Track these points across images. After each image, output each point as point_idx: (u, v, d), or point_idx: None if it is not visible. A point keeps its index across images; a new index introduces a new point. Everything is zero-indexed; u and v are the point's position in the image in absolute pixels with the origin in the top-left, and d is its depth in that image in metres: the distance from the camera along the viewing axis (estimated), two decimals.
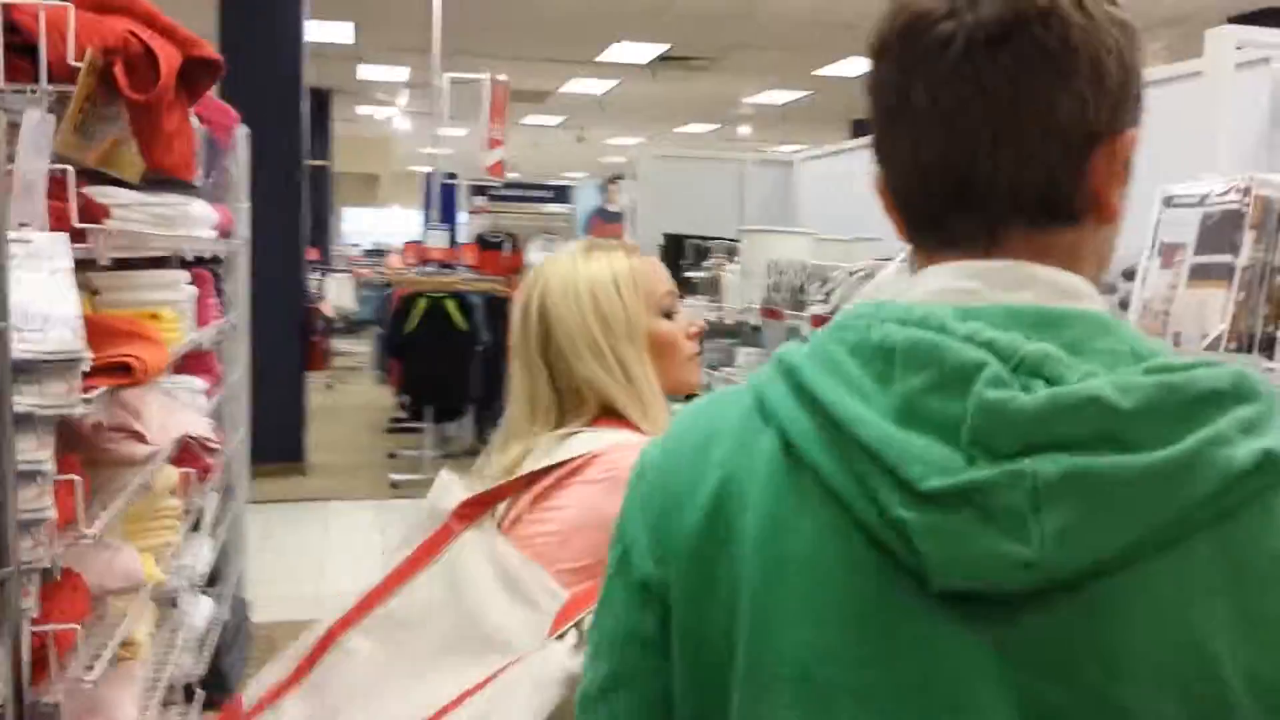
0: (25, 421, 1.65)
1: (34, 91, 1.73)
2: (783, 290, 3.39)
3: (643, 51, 11.28)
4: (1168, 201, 1.86)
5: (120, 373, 1.90)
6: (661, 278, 1.66)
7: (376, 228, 20.95)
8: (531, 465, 1.56)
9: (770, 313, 3.36)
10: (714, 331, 4.02)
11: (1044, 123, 0.71)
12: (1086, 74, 0.71)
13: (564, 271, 1.63)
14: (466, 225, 12.65)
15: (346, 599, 1.53)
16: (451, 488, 1.56)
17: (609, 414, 1.59)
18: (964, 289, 0.72)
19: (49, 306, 1.67)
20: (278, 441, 7.33)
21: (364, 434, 8.96)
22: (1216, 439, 0.63)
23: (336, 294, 12.42)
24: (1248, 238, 1.69)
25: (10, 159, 1.68)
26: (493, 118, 8.23)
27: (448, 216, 12.60)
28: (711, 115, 14.92)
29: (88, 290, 3.08)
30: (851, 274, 3.13)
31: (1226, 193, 1.73)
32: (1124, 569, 0.64)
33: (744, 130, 15.57)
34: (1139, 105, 0.75)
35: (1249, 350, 1.69)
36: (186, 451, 2.80)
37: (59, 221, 1.75)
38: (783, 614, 0.71)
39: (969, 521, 0.64)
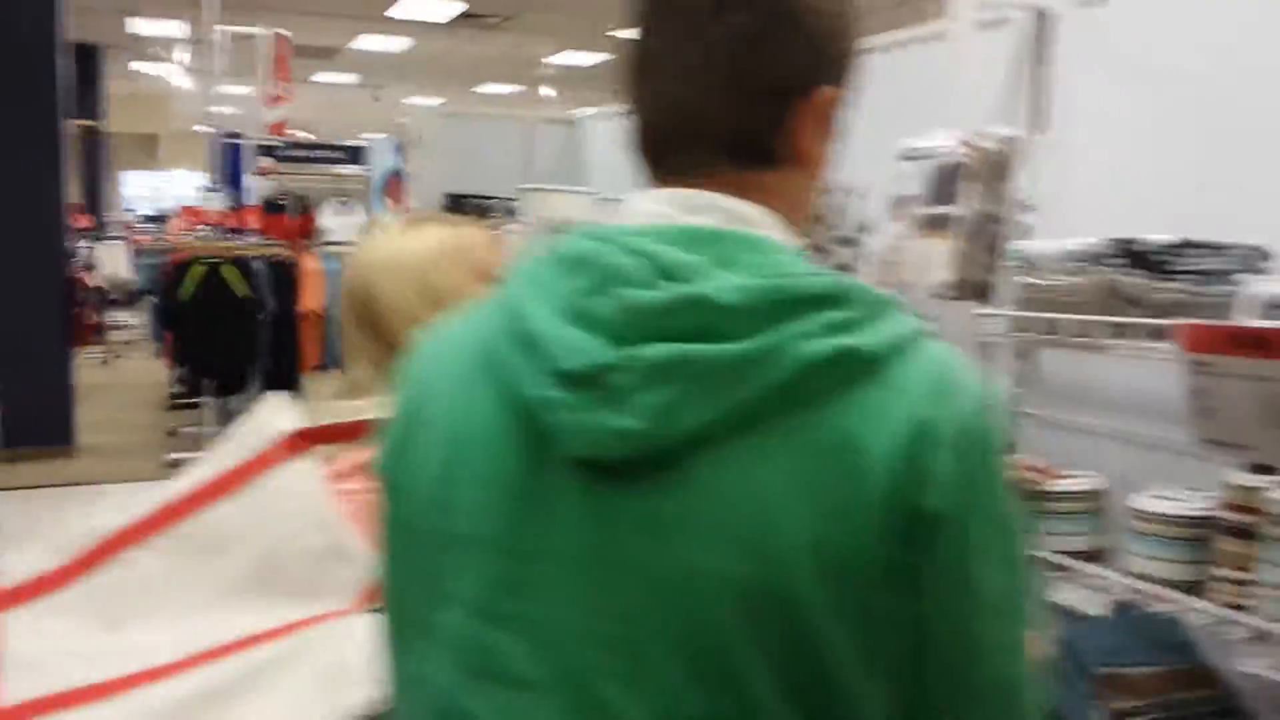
0: None
1: None
2: None
3: (439, 9, 11.01)
4: (903, 156, 1.91)
5: None
6: (493, 248, 1.64)
7: (160, 192, 19.85)
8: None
9: None
10: None
11: (751, 76, 0.81)
12: (790, 33, 0.81)
13: (389, 246, 1.60)
14: (255, 188, 12.11)
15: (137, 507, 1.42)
16: (282, 412, 1.49)
17: None
18: (659, 212, 0.82)
19: None
20: (41, 422, 6.87)
21: (142, 412, 8.48)
22: (799, 334, 0.72)
23: (111, 263, 11.69)
24: (968, 189, 1.75)
25: None
26: (274, 74, 7.85)
27: (234, 179, 12.02)
28: (513, 76, 14.72)
29: None
30: None
31: (951, 147, 1.78)
32: (711, 445, 0.72)
33: (547, 92, 15.44)
34: (844, 65, 0.85)
35: (969, 297, 1.75)
36: None
37: None
38: (462, 482, 0.81)
39: (591, 399, 0.73)
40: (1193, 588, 1.43)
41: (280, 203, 10.20)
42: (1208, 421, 1.35)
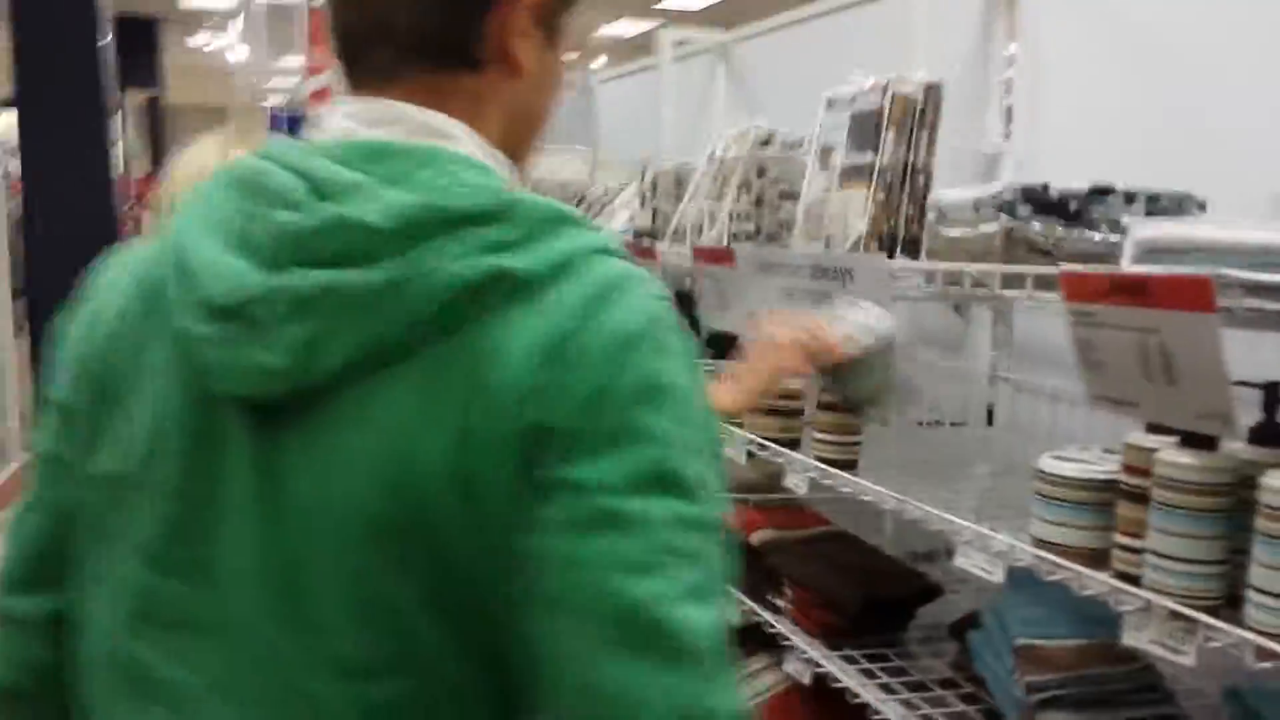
0: None
1: None
2: None
3: None
4: (828, 104, 1.82)
5: None
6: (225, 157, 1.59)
7: None
8: None
9: None
10: None
11: None
12: None
13: (187, 164, 1.56)
14: None
15: None
16: None
17: None
18: (342, 127, 0.77)
19: None
20: None
21: None
22: (447, 255, 0.68)
23: None
24: (888, 137, 1.66)
25: None
26: (312, 43, 7.87)
27: None
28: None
29: None
30: (606, 192, 3.07)
31: (869, 92, 1.70)
32: (359, 378, 0.69)
33: (600, 64, 15.32)
34: None
35: (891, 252, 1.66)
36: None
37: None
38: (133, 422, 0.77)
39: (239, 332, 0.70)
40: (1096, 556, 1.34)
41: None
42: (1096, 376, 1.26)
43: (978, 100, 2.17)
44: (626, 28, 13.38)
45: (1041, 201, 1.43)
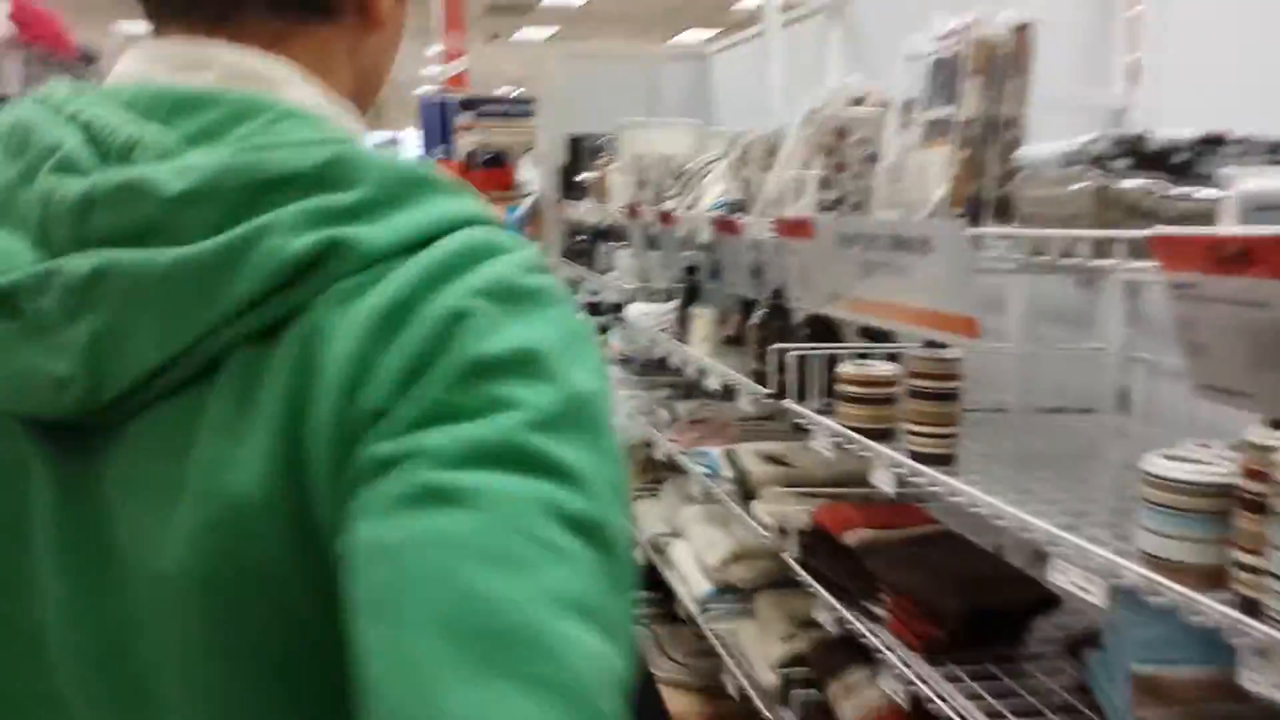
0: None
1: None
2: (648, 187, 3.16)
3: None
4: (910, 56, 1.61)
5: None
6: None
7: (405, 153, 20.67)
8: None
9: (633, 211, 3.13)
10: (600, 234, 3.81)
11: None
12: None
13: None
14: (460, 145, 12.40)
15: None
16: None
17: None
18: (140, 72, 0.63)
19: None
20: None
21: None
22: (269, 228, 0.54)
23: None
24: (969, 87, 1.45)
25: None
26: (448, 28, 7.93)
27: (444, 136, 12.35)
28: (707, 20, 14.41)
29: None
30: (704, 164, 2.90)
31: (949, 36, 1.48)
32: (172, 391, 0.55)
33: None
34: None
35: (976, 217, 1.45)
36: None
37: None
38: None
39: (17, 332, 0.55)
40: (1210, 576, 1.12)
41: (485, 157, 10.47)
42: (1199, 361, 1.03)
43: (1098, 44, 1.91)
44: None
45: (1141, 154, 1.20)
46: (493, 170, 10.19)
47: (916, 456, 1.62)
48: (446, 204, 0.58)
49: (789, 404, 1.99)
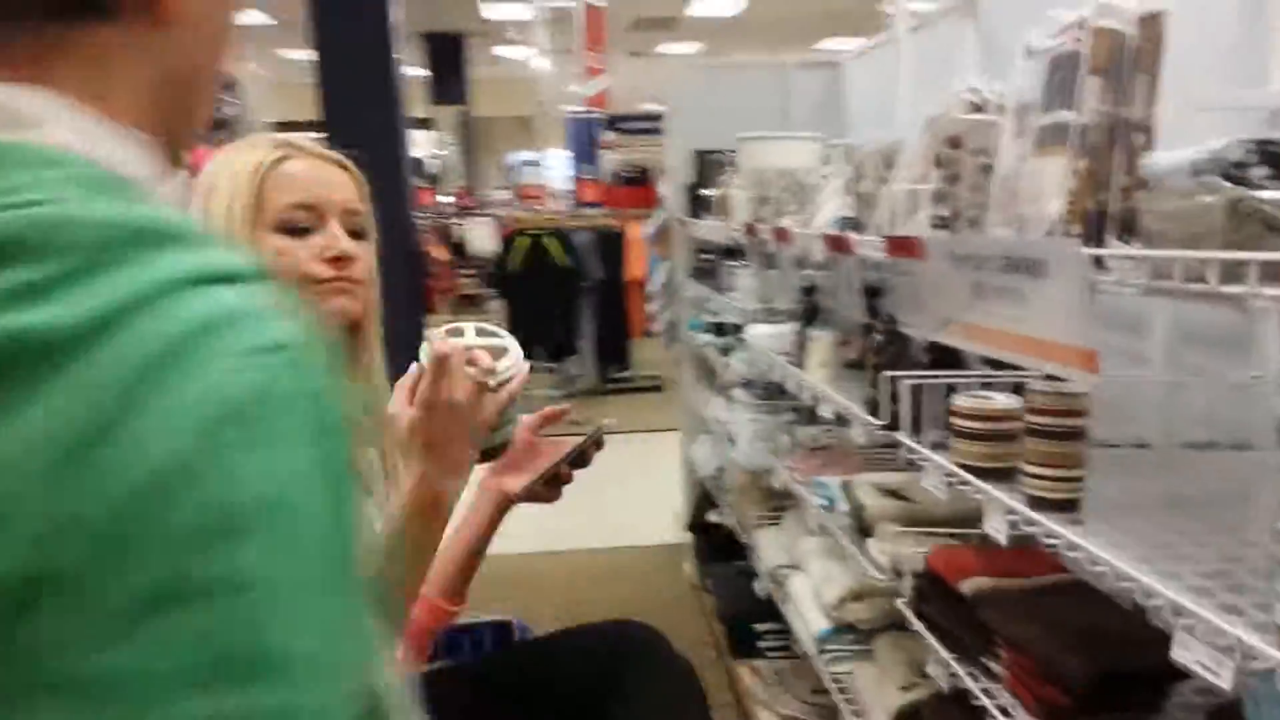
0: None
1: None
2: (768, 203, 3.03)
3: None
4: (1027, 52, 1.45)
5: None
6: (299, 185, 1.39)
7: (538, 172, 20.96)
8: None
9: (750, 229, 3.01)
10: (726, 252, 3.69)
11: None
12: None
13: (209, 168, 1.42)
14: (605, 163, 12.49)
15: None
16: None
17: None
18: None
19: None
20: None
21: None
22: None
23: (478, 238, 12.49)
24: (1089, 87, 1.28)
25: None
26: (589, 45, 7.95)
27: (590, 154, 12.45)
28: (854, 28, 14.14)
29: None
30: (823, 178, 2.75)
31: (1068, 30, 1.32)
32: None
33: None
34: None
35: (1098, 235, 1.29)
36: None
37: None
38: None
39: None
40: None
41: (626, 175, 10.49)
42: None
43: (1252, 37, 1.71)
44: None
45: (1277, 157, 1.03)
46: (636, 187, 10.21)
47: (1034, 501, 1.45)
48: (168, 261, 0.46)
49: (901, 437, 1.83)
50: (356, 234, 1.45)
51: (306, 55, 7.31)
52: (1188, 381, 1.75)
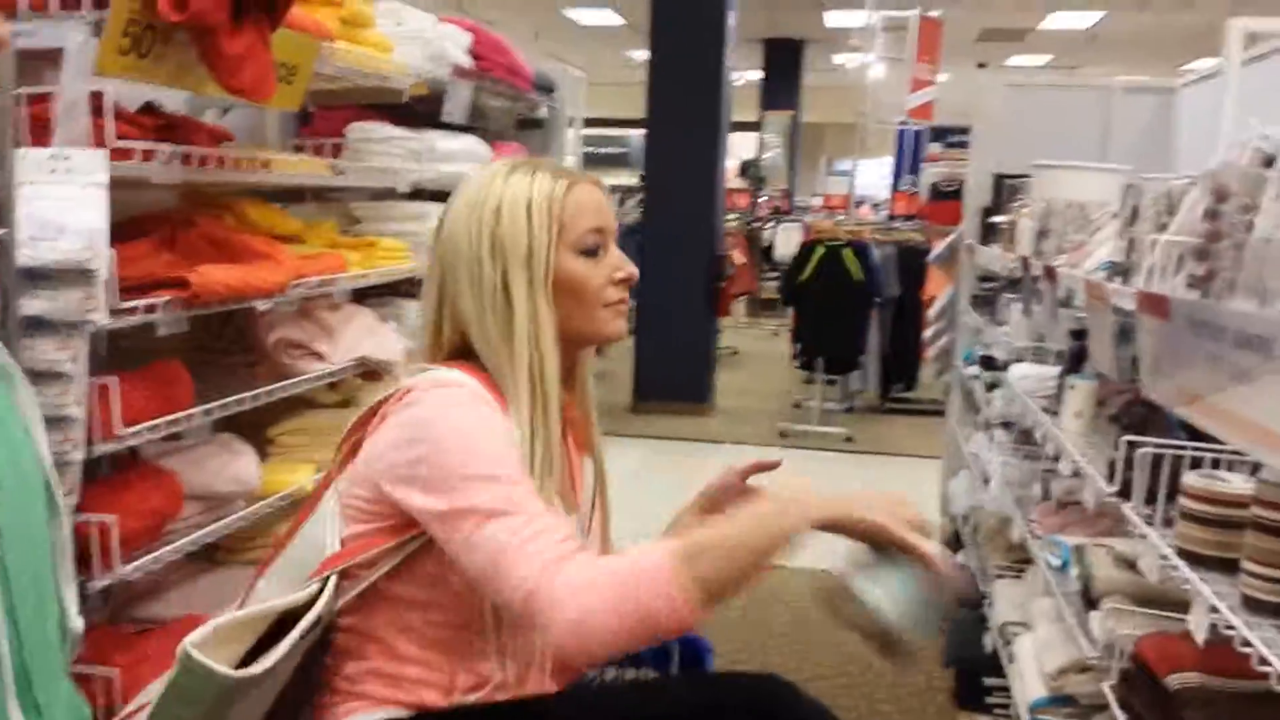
0: (44, 325, 1.79)
1: (80, 15, 1.85)
2: (1051, 236, 2.85)
3: None
4: None
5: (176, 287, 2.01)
6: (590, 211, 1.46)
7: (874, 181, 20.56)
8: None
9: (1025, 263, 2.84)
10: (1005, 283, 3.51)
11: None
12: None
13: (477, 186, 1.47)
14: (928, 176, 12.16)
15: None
16: None
17: (463, 354, 1.43)
18: None
19: (68, 218, 1.79)
20: (677, 382, 7.56)
21: (778, 381, 8.89)
22: None
23: (785, 244, 12.50)
24: None
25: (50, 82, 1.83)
26: (920, 56, 7.75)
27: (914, 166, 12.17)
28: (1215, 48, 12.99)
29: (349, 218, 3.33)
30: (1113, 215, 2.56)
31: None
32: None
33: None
34: None
35: None
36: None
37: (98, 138, 1.87)
38: None
39: None
40: None
41: (944, 189, 10.18)
42: None
43: None
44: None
45: None
46: (952, 202, 9.85)
47: (1247, 601, 1.29)
48: None
49: (1127, 510, 1.68)
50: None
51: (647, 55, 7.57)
52: None
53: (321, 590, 1.32)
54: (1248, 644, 1.21)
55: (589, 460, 1.56)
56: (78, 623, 1.11)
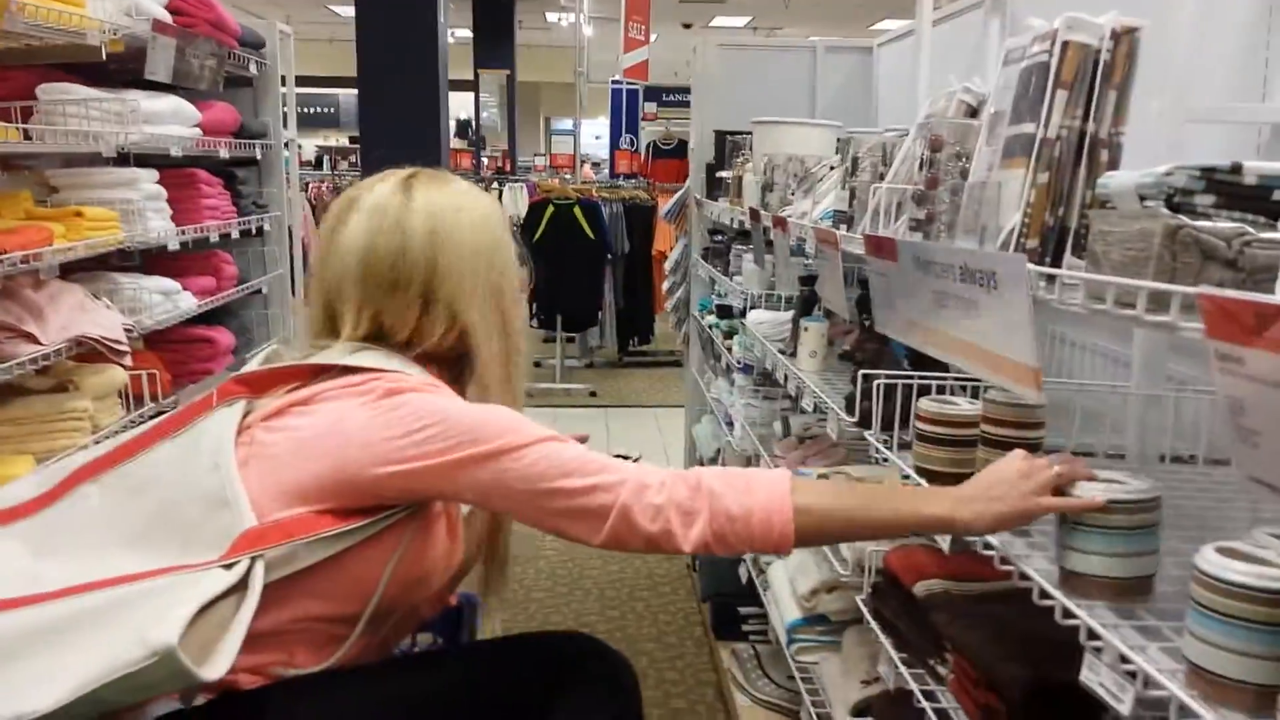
0: None
1: None
2: (775, 190, 3.02)
3: None
4: (1005, 58, 1.44)
5: None
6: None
7: (593, 142, 20.83)
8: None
9: (754, 214, 3.00)
10: (734, 235, 3.68)
11: None
12: None
13: (465, 202, 1.55)
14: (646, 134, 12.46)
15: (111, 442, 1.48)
16: (257, 361, 1.53)
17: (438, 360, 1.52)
18: None
19: None
20: None
21: None
22: None
23: (512, 204, 12.51)
24: (1056, 100, 1.27)
25: None
26: (630, 16, 7.91)
27: (631, 125, 12.43)
28: (909, 10, 13.95)
29: (46, 187, 3.08)
30: (832, 168, 2.74)
31: (1041, 40, 1.31)
32: None
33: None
34: None
35: (1056, 252, 1.28)
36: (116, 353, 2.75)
37: None
38: None
39: None
40: (1265, 697, 0.94)
41: (665, 147, 10.48)
42: (1246, 449, 0.86)
43: (1258, 50, 1.68)
44: None
45: (1231, 188, 1.02)
46: (672, 160, 10.17)
47: None
48: None
49: (869, 436, 1.84)
50: None
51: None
52: (1167, 395, 1.74)
53: (250, 571, 1.27)
54: (989, 547, 1.36)
55: None
56: None
